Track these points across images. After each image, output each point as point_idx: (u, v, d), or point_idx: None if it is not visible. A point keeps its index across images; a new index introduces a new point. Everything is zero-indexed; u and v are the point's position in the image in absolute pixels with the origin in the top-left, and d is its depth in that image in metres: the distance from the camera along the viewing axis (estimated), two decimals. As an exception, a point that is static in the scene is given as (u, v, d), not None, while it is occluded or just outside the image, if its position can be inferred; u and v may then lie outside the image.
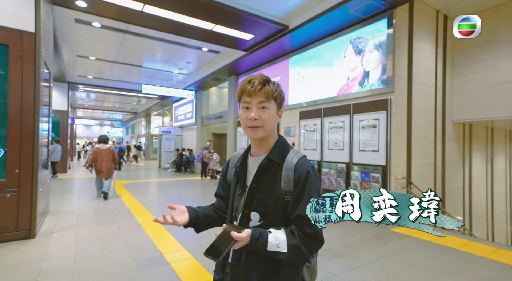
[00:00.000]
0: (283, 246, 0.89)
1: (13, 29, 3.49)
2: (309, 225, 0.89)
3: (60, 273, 2.69)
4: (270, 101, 0.98)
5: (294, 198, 0.95)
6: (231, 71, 9.43)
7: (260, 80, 0.98)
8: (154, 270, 2.80)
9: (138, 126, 28.72)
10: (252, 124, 0.97)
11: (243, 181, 1.05)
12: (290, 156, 1.01)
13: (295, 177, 0.96)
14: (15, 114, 3.51)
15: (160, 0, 5.03)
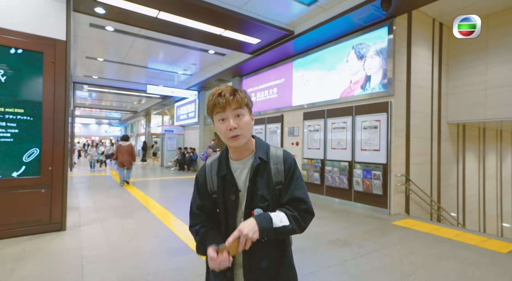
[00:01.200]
0: (285, 220, 0.98)
1: (47, 38, 3.78)
2: (303, 202, 1.04)
3: (100, 259, 3.00)
4: (244, 108, 1.03)
5: (286, 184, 1.06)
6: (235, 72, 9.74)
7: (229, 91, 1.01)
8: (185, 258, 3.13)
9: (137, 125, 28.83)
10: (232, 134, 1.00)
11: (235, 187, 1.07)
12: (273, 151, 1.10)
13: (285, 167, 1.06)
14: (48, 116, 3.80)
15: (175, 7, 5.32)
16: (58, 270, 2.71)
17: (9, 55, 3.57)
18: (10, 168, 3.59)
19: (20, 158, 3.65)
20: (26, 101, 3.69)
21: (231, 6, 5.45)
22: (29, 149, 3.70)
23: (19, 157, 3.65)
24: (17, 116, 3.64)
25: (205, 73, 10.90)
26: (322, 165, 6.58)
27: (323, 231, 4.19)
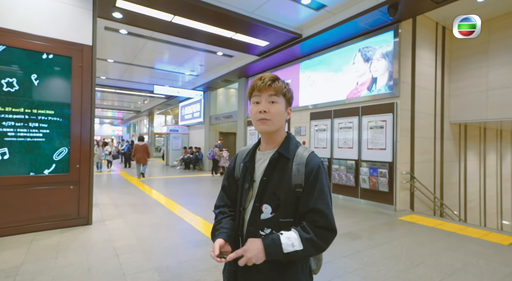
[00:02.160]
0: (297, 244, 0.90)
1: (75, 43, 4.00)
2: (322, 216, 0.94)
3: (133, 250, 3.23)
4: (279, 97, 1.03)
5: (306, 192, 0.98)
6: (241, 73, 9.97)
7: (270, 77, 1.03)
8: (209, 248, 3.36)
9: (140, 125, 29.03)
10: (262, 117, 1.00)
11: (251, 176, 1.06)
12: (300, 151, 1.04)
13: (306, 170, 0.99)
14: (76, 117, 4.03)
15: (190, 12, 5.55)
16: (96, 259, 2.94)
17: (41, 60, 3.80)
18: (42, 166, 3.82)
19: (51, 156, 3.88)
20: (56, 103, 3.91)
21: (243, 11, 5.68)
22: (59, 148, 3.93)
23: (50, 156, 3.87)
24: (48, 117, 3.87)
25: (211, 74, 11.13)
26: (329, 164, 6.81)
27: (333, 225, 4.43)
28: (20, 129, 3.68)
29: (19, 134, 3.69)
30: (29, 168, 3.73)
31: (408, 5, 4.92)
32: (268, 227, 0.98)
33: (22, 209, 3.64)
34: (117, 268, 2.76)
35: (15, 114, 3.65)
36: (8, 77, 3.61)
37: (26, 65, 3.72)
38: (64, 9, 3.95)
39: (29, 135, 3.74)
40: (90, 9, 4.16)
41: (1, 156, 3.57)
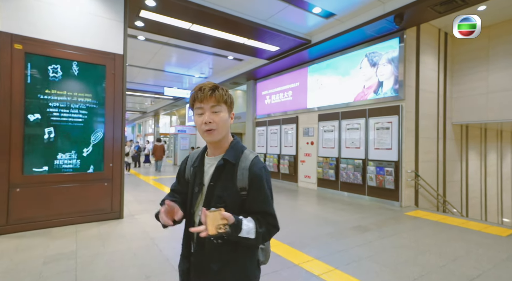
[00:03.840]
0: (252, 233, 0.99)
1: (109, 53, 4.38)
2: (272, 217, 1.07)
3: (168, 239, 3.60)
4: (221, 105, 1.05)
5: (252, 195, 1.05)
6: (250, 76, 10.34)
7: (210, 87, 1.04)
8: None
9: (145, 125, 29.46)
10: (207, 128, 1.04)
11: (200, 180, 1.11)
12: (244, 156, 1.10)
13: (250, 175, 1.05)
14: (109, 118, 4.40)
15: (208, 21, 5.92)
16: (138, 247, 3.31)
17: (82, 68, 4.18)
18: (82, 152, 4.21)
19: (88, 145, 4.26)
20: (92, 107, 4.29)
21: (257, 19, 6.05)
22: (96, 146, 4.31)
23: (87, 143, 4.25)
24: (86, 118, 4.24)
25: (220, 76, 11.50)
26: (336, 163, 7.17)
27: (343, 220, 4.79)
28: (71, 129, 4.07)
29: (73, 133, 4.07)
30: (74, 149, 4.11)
31: (413, 15, 5.27)
32: None
33: (65, 203, 4.02)
34: (159, 254, 3.13)
35: (66, 114, 4.04)
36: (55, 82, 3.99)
37: (74, 73, 4.10)
38: (101, 22, 4.33)
39: (78, 127, 4.13)
40: (122, 21, 4.54)
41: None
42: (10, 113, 3.67)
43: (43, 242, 3.40)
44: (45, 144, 3.94)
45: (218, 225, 0.91)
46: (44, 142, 3.93)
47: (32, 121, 3.84)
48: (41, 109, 3.91)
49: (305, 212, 5.52)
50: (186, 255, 1.13)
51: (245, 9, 5.67)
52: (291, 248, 3.39)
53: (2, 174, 3.61)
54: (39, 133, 3.90)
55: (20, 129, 3.75)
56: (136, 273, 2.66)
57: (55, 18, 3.99)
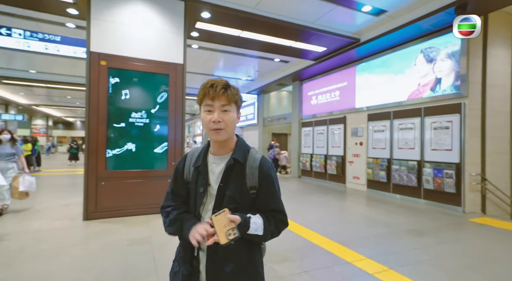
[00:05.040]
0: (260, 230, 1.01)
1: (171, 63, 4.93)
2: (282, 214, 1.11)
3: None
4: (232, 105, 1.04)
5: (263, 194, 1.07)
6: (295, 77, 10.42)
7: (222, 85, 1.02)
8: (284, 234, 3.91)
9: (194, 126, 31.34)
10: (216, 127, 1.01)
11: (206, 179, 1.07)
12: (252, 156, 1.10)
13: (261, 174, 1.06)
14: (172, 121, 4.95)
15: (257, 27, 6.21)
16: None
17: (151, 77, 4.79)
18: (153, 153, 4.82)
19: (157, 147, 4.85)
20: (158, 110, 4.88)
21: (305, 22, 6.16)
22: (161, 144, 4.89)
23: (155, 154, 4.85)
24: (156, 121, 4.85)
25: (266, 78, 11.80)
26: (388, 164, 6.89)
27: (395, 222, 4.64)
28: (142, 131, 4.71)
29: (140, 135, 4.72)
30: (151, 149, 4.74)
31: (479, 3, 4.85)
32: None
33: (137, 196, 4.65)
34: (218, 244, 3.47)
35: (139, 118, 4.70)
36: (126, 90, 4.66)
37: (143, 83, 4.73)
38: (165, 37, 4.90)
39: (147, 129, 4.76)
40: (182, 33, 5.06)
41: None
42: (97, 119, 4.39)
43: (122, 228, 4.01)
44: (122, 144, 4.61)
45: (227, 231, 0.90)
46: (122, 143, 4.60)
47: (112, 125, 4.54)
48: (119, 114, 4.58)
49: (354, 212, 5.46)
50: (188, 259, 1.07)
51: (293, 13, 5.83)
52: (342, 246, 3.46)
53: (92, 168, 4.34)
54: (118, 135, 4.58)
55: (104, 132, 4.46)
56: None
57: (130, 37, 4.65)
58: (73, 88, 14.13)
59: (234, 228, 0.92)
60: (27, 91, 16.31)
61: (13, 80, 12.71)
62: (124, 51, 4.59)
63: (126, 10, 4.63)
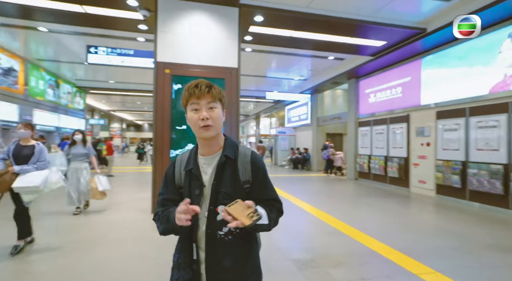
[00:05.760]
0: (265, 219, 1.02)
1: (227, 68, 5.18)
2: (279, 203, 1.15)
3: (278, 232, 3.98)
4: (217, 102, 1.07)
5: (258, 185, 1.11)
6: (351, 75, 9.92)
7: (206, 84, 1.06)
8: (338, 238, 3.77)
9: (247, 127, 32.24)
10: (204, 124, 1.03)
11: (200, 181, 1.08)
12: (241, 151, 1.13)
13: (253, 168, 1.10)
14: (227, 122, 5.19)
15: (312, 26, 6.11)
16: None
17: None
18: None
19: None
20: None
21: (361, 16, 5.83)
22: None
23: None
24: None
25: (319, 77, 11.49)
26: (463, 167, 6.05)
27: (473, 233, 4.05)
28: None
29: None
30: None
31: None
32: (226, 225, 1.00)
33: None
34: (274, 244, 3.52)
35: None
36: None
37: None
38: (221, 43, 5.17)
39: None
40: (236, 39, 5.27)
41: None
42: (162, 121, 4.86)
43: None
44: (184, 144, 5.01)
45: (249, 214, 0.90)
46: (183, 143, 5.01)
47: (175, 127, 4.97)
48: (181, 117, 4.99)
49: (420, 219, 4.95)
50: (188, 263, 1.07)
51: (348, 8, 5.57)
52: (405, 256, 3.17)
53: (159, 166, 4.83)
54: (180, 136, 5.00)
55: (168, 134, 4.91)
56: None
57: (190, 45, 5.03)
58: (142, 95, 15.94)
59: (255, 210, 0.92)
60: (107, 99, 18.94)
61: (97, 90, 14.95)
62: (184, 59, 4.99)
63: (187, 22, 5.02)
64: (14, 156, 3.21)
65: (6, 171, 3.10)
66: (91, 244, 3.45)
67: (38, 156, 3.27)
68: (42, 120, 10.45)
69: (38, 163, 3.26)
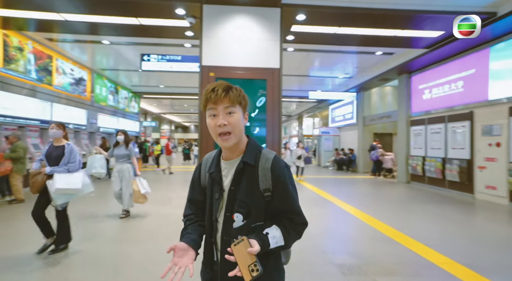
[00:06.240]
0: (280, 241, 0.97)
1: (269, 68, 5.19)
2: (298, 215, 1.04)
3: (324, 235, 3.86)
4: (236, 106, 1.01)
5: (278, 195, 1.01)
6: (402, 70, 9.19)
7: (223, 88, 0.99)
8: (389, 245, 3.50)
9: (290, 128, 31.98)
10: (222, 131, 0.98)
11: (220, 185, 1.06)
12: (264, 156, 1.04)
13: (274, 175, 1.00)
14: (269, 122, 5.20)
15: (353, 21, 5.82)
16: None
17: (251, 84, 5.20)
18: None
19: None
20: (257, 114, 5.22)
21: (414, 5, 5.35)
22: (260, 145, 5.21)
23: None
24: (257, 124, 5.22)
25: (366, 74, 10.88)
26: (544, 172, 5.17)
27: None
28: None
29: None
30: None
31: None
32: (241, 234, 0.95)
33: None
34: (317, 246, 3.42)
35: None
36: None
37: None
38: (263, 44, 5.21)
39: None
40: (278, 39, 5.24)
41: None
42: (208, 123, 5.06)
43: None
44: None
45: (249, 266, 0.88)
46: (227, 144, 5.15)
47: (219, 128, 5.13)
48: (225, 119, 5.15)
49: (489, 230, 4.36)
50: (209, 264, 1.09)
51: (399, -2, 5.17)
52: (471, 271, 2.82)
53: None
54: (224, 137, 5.15)
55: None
56: (298, 258, 3.06)
57: (233, 48, 5.16)
58: (189, 98, 16.86)
59: (256, 263, 0.88)
60: (158, 102, 20.45)
61: (149, 95, 16.24)
62: (228, 62, 5.13)
63: (230, 26, 5.16)
64: (46, 157, 3.14)
65: (39, 172, 3.06)
66: (149, 236, 3.74)
67: (68, 156, 3.14)
68: (105, 123, 11.68)
69: (69, 164, 3.14)
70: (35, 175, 3.04)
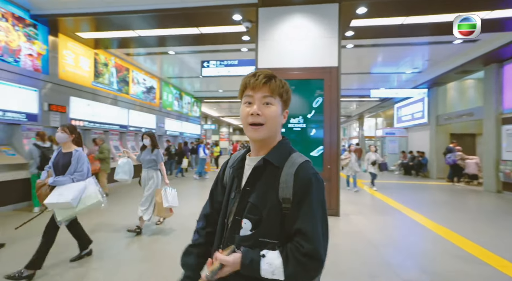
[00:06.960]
0: (279, 273, 0.77)
1: (326, 67, 4.98)
2: (308, 240, 0.77)
3: (386, 244, 3.51)
4: (275, 98, 0.90)
5: (293, 209, 0.81)
6: (489, 59, 7.84)
7: (265, 75, 0.90)
8: (473, 264, 2.97)
9: (349, 129, 30.29)
10: (254, 121, 0.87)
11: (238, 183, 0.93)
12: (292, 159, 0.88)
13: (295, 183, 0.83)
14: (327, 125, 4.97)
15: (423, 8, 5.18)
16: (356, 244, 3.50)
17: (307, 84, 5.07)
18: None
19: (309, 154, 5.04)
20: (313, 115, 5.05)
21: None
22: (317, 147, 5.02)
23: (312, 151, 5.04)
24: (312, 125, 5.07)
25: (439, 67, 9.60)
26: None
27: None
28: (299, 135, 5.10)
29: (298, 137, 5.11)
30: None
31: None
32: (246, 245, 0.82)
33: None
34: (381, 257, 3.11)
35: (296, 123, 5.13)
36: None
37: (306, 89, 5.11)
38: (320, 43, 5.03)
39: (304, 133, 5.10)
40: (336, 36, 5.00)
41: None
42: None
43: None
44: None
45: (212, 271, 0.78)
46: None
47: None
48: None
49: None
50: None
51: (483, -26, 4.41)
52: None
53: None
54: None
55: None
56: (359, 269, 2.82)
57: (288, 49, 5.11)
58: (246, 101, 17.31)
59: (214, 270, 0.78)
60: (217, 106, 21.61)
61: (210, 99, 17.26)
62: (283, 63, 5.10)
63: (285, 26, 5.12)
64: (53, 165, 2.73)
65: (44, 183, 2.69)
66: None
67: (75, 165, 2.69)
68: (171, 127, 12.83)
69: (76, 173, 2.70)
70: (40, 187, 2.69)
